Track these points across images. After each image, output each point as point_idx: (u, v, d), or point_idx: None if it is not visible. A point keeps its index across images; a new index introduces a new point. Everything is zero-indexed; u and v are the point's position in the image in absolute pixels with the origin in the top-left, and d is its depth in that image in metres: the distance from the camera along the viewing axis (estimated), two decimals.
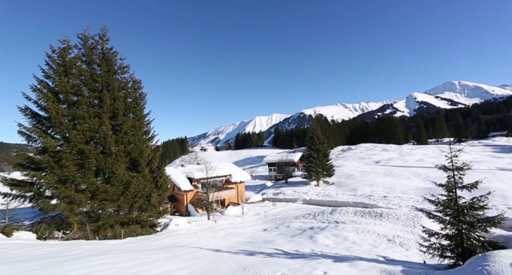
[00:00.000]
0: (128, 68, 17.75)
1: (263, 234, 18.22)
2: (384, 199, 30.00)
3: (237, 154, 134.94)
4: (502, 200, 23.57)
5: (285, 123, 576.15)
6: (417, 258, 11.39)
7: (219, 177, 31.93)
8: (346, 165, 58.62)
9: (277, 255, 11.52)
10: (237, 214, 27.60)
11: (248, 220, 25.02)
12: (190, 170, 32.32)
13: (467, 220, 8.45)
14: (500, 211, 20.65)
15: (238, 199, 33.58)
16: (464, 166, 8.87)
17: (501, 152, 66.55)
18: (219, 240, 16.08)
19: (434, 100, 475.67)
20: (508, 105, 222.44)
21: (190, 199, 29.25)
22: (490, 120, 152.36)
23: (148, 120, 18.40)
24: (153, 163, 17.54)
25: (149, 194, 16.43)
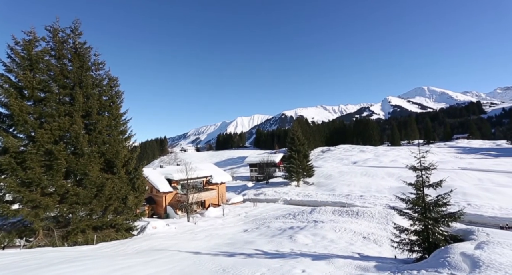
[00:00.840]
0: (103, 64, 16.93)
1: (243, 235, 18.21)
2: (361, 198, 31.27)
3: (218, 154, 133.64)
4: (463, 197, 25.57)
5: (267, 124, 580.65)
6: (389, 254, 12.02)
7: (199, 178, 31.42)
8: (325, 165, 60.35)
9: (257, 256, 11.58)
10: (218, 215, 27.32)
11: (229, 221, 24.88)
12: (169, 171, 31.46)
13: (432, 216, 9.10)
14: (461, 207, 22.35)
15: (219, 200, 33.26)
16: (430, 166, 9.54)
17: (463, 152, 72.27)
18: (199, 242, 15.82)
19: (406, 104, 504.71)
20: (469, 111, 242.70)
21: (169, 200, 28.47)
22: (454, 124, 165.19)
23: (124, 120, 17.66)
24: (130, 164, 16.87)
25: (125, 196, 15.77)
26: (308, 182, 42.47)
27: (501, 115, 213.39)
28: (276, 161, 59.84)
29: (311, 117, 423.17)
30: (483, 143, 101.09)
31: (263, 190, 41.27)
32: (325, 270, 8.80)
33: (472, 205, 23.68)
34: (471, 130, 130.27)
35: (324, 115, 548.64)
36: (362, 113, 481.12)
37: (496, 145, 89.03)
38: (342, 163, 63.83)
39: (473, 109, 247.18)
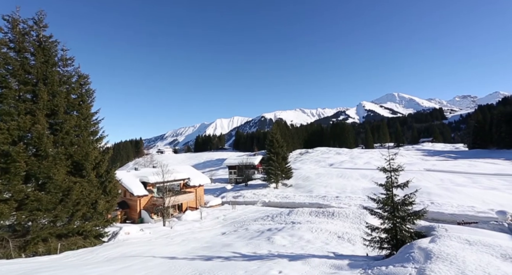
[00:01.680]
0: (72, 60, 15.88)
1: (221, 238, 17.98)
2: (337, 199, 32.35)
3: (197, 156, 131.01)
4: (427, 196, 27.51)
5: (246, 126, 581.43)
6: (362, 252, 12.56)
7: (176, 180, 30.54)
8: (303, 167, 61.70)
9: (234, 258, 11.50)
10: (195, 219, 26.72)
11: (207, 225, 24.43)
12: (144, 173, 30.21)
13: (400, 214, 9.69)
14: (425, 205, 24.07)
15: (197, 203, 32.57)
16: (398, 167, 10.17)
17: (428, 155, 77.90)
18: (175, 246, 15.33)
19: (379, 109, 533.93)
20: (433, 116, 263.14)
21: (144, 204, 27.29)
22: (421, 128, 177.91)
23: (96, 120, 16.69)
24: (101, 166, 15.93)
25: (95, 201, 14.84)
26: (286, 183, 43.10)
27: (459, 121, 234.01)
28: (255, 163, 60.03)
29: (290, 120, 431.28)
30: (444, 146, 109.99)
31: (242, 192, 41.12)
32: (302, 270, 8.97)
33: (435, 204, 25.55)
34: (435, 135, 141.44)
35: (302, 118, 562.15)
36: (338, 117, 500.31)
37: (455, 148, 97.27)
38: (319, 165, 65.69)
39: (437, 115, 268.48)
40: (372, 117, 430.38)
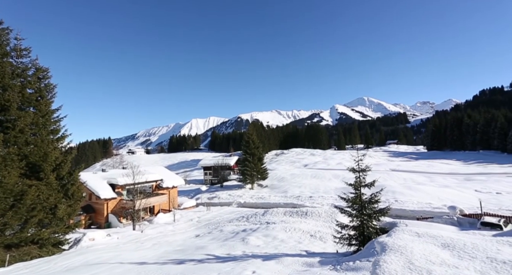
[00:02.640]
0: (28, 51, 14.43)
1: (195, 241, 17.56)
2: (310, 199, 33.30)
3: (171, 157, 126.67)
4: (392, 195, 29.51)
5: (223, 126, 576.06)
6: (332, 249, 13.07)
7: (148, 182, 29.19)
8: (279, 168, 62.68)
9: (208, 261, 11.30)
10: (168, 222, 25.77)
11: (180, 227, 23.70)
12: (113, 175, 28.44)
13: (367, 212, 10.28)
14: (390, 203, 25.78)
15: (170, 205, 31.45)
16: (366, 168, 10.78)
17: (393, 156, 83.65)
18: (145, 251, 14.64)
19: (350, 112, 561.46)
20: (398, 120, 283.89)
21: (111, 208, 25.66)
22: (387, 131, 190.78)
23: (57, 117, 15.35)
24: (62, 167, 14.68)
25: (54, 206, 13.63)
26: (262, 184, 43.43)
27: (420, 125, 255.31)
28: (231, 164, 59.63)
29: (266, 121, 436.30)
30: (407, 148, 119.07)
31: (217, 193, 40.59)
32: (275, 269, 9.09)
33: (399, 201, 27.49)
34: (399, 137, 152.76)
35: (278, 120, 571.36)
36: (313, 119, 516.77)
37: (416, 150, 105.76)
38: (294, 166, 67.21)
39: (401, 119, 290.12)
40: (344, 120, 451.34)
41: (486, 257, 1.99)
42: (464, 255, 2.05)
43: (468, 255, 2.03)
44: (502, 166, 49.41)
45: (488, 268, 1.76)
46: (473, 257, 2.01)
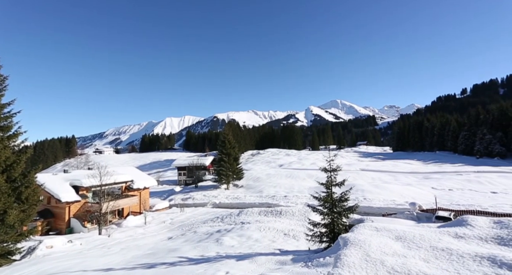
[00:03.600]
0: None
1: (167, 243, 17.01)
2: (285, 198, 33.98)
3: (143, 157, 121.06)
4: (361, 193, 31.27)
5: (198, 126, 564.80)
6: (305, 246, 13.49)
7: (117, 183, 27.62)
8: (254, 168, 63.04)
9: (180, 263, 11.02)
10: (138, 224, 24.63)
11: (152, 230, 22.79)
12: (77, 176, 26.44)
13: (337, 210, 10.78)
14: (358, 201, 27.32)
15: (141, 208, 30.06)
16: (337, 168, 11.30)
17: (363, 156, 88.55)
18: (112, 256, 13.84)
19: (324, 114, 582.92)
20: (368, 122, 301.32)
21: (74, 212, 23.84)
22: (358, 132, 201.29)
23: (9, 113, 13.85)
24: (14, 168, 13.28)
25: (3, 211, 12.29)
26: (237, 184, 43.34)
27: (387, 127, 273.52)
28: (206, 164, 58.68)
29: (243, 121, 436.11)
30: (376, 148, 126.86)
31: (191, 194, 39.69)
32: (248, 269, 9.15)
33: (367, 199, 29.20)
34: (369, 139, 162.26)
35: (255, 120, 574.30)
36: (289, 120, 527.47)
37: (383, 151, 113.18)
38: (270, 166, 68.07)
39: (370, 121, 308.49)
40: (318, 121, 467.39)
41: (429, 246, 2.28)
42: (413, 245, 2.32)
43: (416, 245, 2.30)
44: (453, 165, 54.84)
45: (430, 256, 2.03)
46: (420, 246, 2.29)
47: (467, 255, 1.96)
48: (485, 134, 64.95)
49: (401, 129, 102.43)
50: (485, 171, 43.60)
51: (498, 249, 2.06)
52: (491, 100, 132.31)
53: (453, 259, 1.90)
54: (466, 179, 37.61)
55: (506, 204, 23.85)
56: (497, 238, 2.25)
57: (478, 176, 38.83)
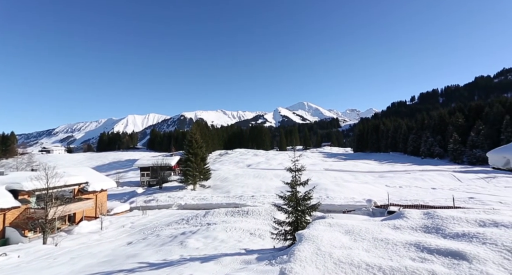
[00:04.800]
0: None
1: (126, 249, 15.86)
2: (252, 198, 34.19)
3: (101, 157, 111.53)
4: (324, 192, 32.94)
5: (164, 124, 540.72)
6: (270, 245, 13.71)
7: (68, 186, 24.95)
8: (222, 168, 62.37)
9: (140, 270, 10.37)
10: (93, 230, 22.57)
11: (109, 235, 21.05)
12: (16, 178, 23.19)
13: (301, 208, 11.16)
14: (322, 199, 28.78)
15: (97, 212, 27.61)
16: (301, 168, 11.70)
17: (327, 157, 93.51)
18: (59, 267, 12.44)
19: (292, 115, 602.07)
20: (332, 124, 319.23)
21: (11, 220, 20.87)
22: (323, 134, 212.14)
23: None
24: None
25: None
26: (204, 185, 42.41)
27: (348, 129, 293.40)
28: (172, 164, 56.34)
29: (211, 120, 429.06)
30: (339, 149, 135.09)
31: (155, 196, 37.73)
32: (213, 270, 8.98)
33: (329, 197, 30.85)
34: (333, 140, 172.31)
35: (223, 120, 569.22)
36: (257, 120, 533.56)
37: (345, 151, 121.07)
38: (238, 166, 67.97)
39: (334, 123, 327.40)
40: (286, 122, 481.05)
41: (372, 237, 2.51)
42: (358, 238, 2.54)
43: (361, 238, 2.52)
44: (403, 165, 61.01)
45: (371, 246, 2.25)
46: (364, 238, 2.51)
47: (399, 243, 2.21)
48: (428, 137, 73.44)
49: (361, 132, 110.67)
50: (428, 170, 49.32)
51: (423, 236, 2.38)
52: (433, 107, 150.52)
53: (389, 248, 2.13)
54: (413, 177, 42.03)
55: (442, 198, 27.26)
56: (424, 227, 2.60)
57: (422, 174, 43.69)
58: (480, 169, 48.72)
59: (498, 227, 2.27)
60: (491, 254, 1.81)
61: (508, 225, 2.28)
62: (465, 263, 1.76)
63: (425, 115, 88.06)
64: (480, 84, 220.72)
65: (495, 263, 1.72)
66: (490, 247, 1.92)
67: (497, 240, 2.00)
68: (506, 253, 1.81)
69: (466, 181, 38.77)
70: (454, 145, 63.98)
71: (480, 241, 2.03)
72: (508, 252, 1.81)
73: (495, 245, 1.93)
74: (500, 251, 1.85)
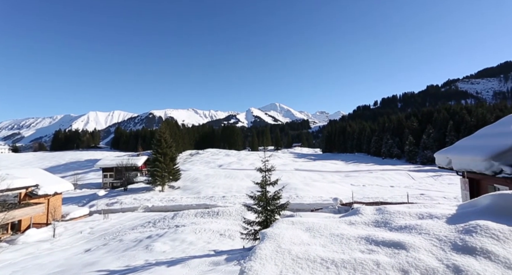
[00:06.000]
0: None
1: (83, 257, 14.62)
2: (223, 198, 33.86)
3: (55, 157, 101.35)
4: (294, 191, 33.94)
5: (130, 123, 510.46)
6: (240, 245, 13.72)
7: (11, 189, 22.14)
8: (193, 168, 60.81)
9: None
10: (44, 238, 20.38)
11: (63, 243, 19.19)
12: None
13: (271, 208, 11.37)
14: (292, 198, 29.63)
15: (49, 217, 24.99)
16: (271, 168, 11.93)
17: (297, 157, 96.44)
18: None
19: (264, 116, 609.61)
20: (302, 126, 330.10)
21: None
22: (294, 135, 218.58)
23: None
24: None
25: None
26: (174, 186, 40.95)
27: (318, 131, 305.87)
28: (138, 165, 53.41)
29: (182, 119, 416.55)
30: (308, 150, 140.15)
31: (119, 198, 35.41)
32: (180, 274, 8.72)
33: (299, 196, 31.86)
34: (303, 141, 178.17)
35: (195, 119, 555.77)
36: (229, 120, 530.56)
37: (315, 152, 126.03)
38: (209, 166, 66.82)
39: (305, 125, 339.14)
40: (258, 123, 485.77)
41: (329, 234, 2.67)
42: (317, 234, 2.67)
43: (319, 234, 2.66)
44: (367, 165, 65.51)
45: (327, 241, 2.40)
46: (322, 235, 2.66)
47: (352, 237, 2.39)
48: (388, 139, 79.86)
49: (329, 133, 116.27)
50: (387, 169, 53.61)
51: (373, 230, 2.61)
52: (393, 112, 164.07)
53: (343, 242, 2.30)
54: (374, 176, 45.33)
55: (398, 195, 29.87)
56: (375, 222, 2.84)
57: (382, 174, 47.35)
58: (429, 168, 54.35)
59: (433, 219, 2.58)
60: (424, 242, 2.05)
61: (440, 216, 2.60)
62: (404, 252, 1.96)
63: (386, 119, 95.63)
64: (431, 92, 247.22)
65: (426, 250, 1.95)
66: (424, 236, 2.17)
67: (430, 230, 2.27)
68: (435, 240, 2.07)
69: (419, 179, 42.98)
70: (409, 147, 70.48)
71: (417, 232, 2.28)
72: (437, 240, 2.07)
73: (427, 234, 2.19)
74: (431, 239, 2.10)
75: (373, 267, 1.83)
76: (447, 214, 2.58)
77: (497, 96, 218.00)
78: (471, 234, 1.99)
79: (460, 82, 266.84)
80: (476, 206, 2.60)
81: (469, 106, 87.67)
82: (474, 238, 1.93)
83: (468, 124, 64.73)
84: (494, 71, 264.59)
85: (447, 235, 2.06)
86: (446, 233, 2.09)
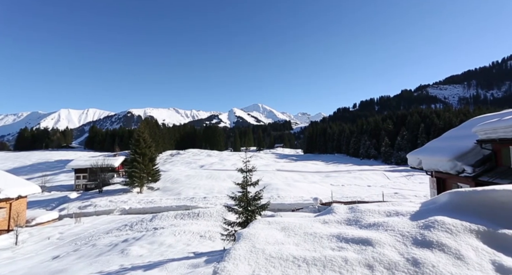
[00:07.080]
0: None
1: (51, 264, 13.69)
2: (204, 199, 33.39)
3: (20, 157, 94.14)
4: (276, 191, 34.29)
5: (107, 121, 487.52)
6: (220, 246, 13.60)
7: None
8: (173, 169, 59.36)
9: None
10: (4, 246, 18.82)
11: (27, 251, 17.85)
12: None
13: (251, 208, 11.39)
14: (274, 199, 29.93)
15: (11, 223, 23.14)
16: (252, 168, 11.96)
17: (279, 158, 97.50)
18: None
19: (247, 116, 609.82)
20: (284, 126, 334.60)
21: None
22: (276, 135, 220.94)
23: None
24: None
25: None
26: (153, 187, 39.69)
27: (300, 131, 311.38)
28: (115, 165, 51.13)
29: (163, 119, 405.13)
30: (290, 151, 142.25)
31: (93, 201, 33.66)
32: None
33: (280, 197, 32.23)
34: (285, 142, 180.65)
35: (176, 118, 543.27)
36: (212, 120, 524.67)
37: (296, 153, 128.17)
38: (190, 167, 65.56)
39: (287, 126, 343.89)
40: (240, 123, 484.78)
41: (303, 232, 2.76)
42: (291, 233, 2.75)
43: (294, 233, 2.73)
44: (346, 165, 67.81)
45: (301, 240, 2.48)
46: (296, 234, 2.74)
47: (325, 235, 2.49)
48: (366, 141, 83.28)
49: (311, 134, 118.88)
50: (365, 170, 55.88)
51: (345, 228, 2.73)
52: (370, 114, 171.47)
53: (316, 241, 2.39)
54: (353, 176, 47.03)
55: (374, 194, 31.25)
56: (347, 220, 2.98)
57: (360, 174, 49.27)
58: (403, 168, 57.45)
59: (398, 216, 2.75)
60: (389, 238, 2.18)
61: (405, 213, 2.77)
62: (370, 248, 2.07)
63: (364, 121, 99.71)
64: (405, 96, 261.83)
65: (390, 245, 2.08)
66: (389, 233, 2.31)
67: (395, 226, 2.42)
68: (399, 236, 2.21)
69: (393, 178, 45.26)
70: (385, 148, 74.03)
71: (384, 229, 2.42)
72: (400, 236, 2.21)
73: (392, 231, 2.33)
74: (396, 235, 2.24)
75: (342, 263, 1.92)
76: (411, 211, 2.77)
77: (461, 102, 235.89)
78: (430, 229, 2.18)
79: (430, 87, 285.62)
80: (436, 203, 2.82)
81: (438, 110, 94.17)
82: (431, 232, 2.10)
83: (437, 127, 69.40)
84: (459, 78, 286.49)
85: (410, 230, 2.23)
86: (409, 229, 2.26)
